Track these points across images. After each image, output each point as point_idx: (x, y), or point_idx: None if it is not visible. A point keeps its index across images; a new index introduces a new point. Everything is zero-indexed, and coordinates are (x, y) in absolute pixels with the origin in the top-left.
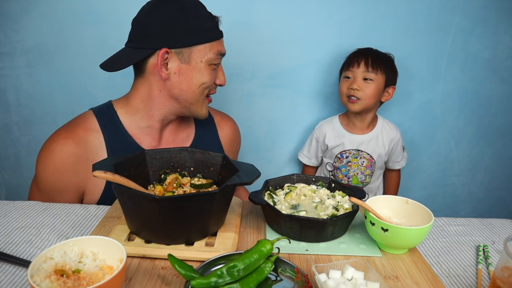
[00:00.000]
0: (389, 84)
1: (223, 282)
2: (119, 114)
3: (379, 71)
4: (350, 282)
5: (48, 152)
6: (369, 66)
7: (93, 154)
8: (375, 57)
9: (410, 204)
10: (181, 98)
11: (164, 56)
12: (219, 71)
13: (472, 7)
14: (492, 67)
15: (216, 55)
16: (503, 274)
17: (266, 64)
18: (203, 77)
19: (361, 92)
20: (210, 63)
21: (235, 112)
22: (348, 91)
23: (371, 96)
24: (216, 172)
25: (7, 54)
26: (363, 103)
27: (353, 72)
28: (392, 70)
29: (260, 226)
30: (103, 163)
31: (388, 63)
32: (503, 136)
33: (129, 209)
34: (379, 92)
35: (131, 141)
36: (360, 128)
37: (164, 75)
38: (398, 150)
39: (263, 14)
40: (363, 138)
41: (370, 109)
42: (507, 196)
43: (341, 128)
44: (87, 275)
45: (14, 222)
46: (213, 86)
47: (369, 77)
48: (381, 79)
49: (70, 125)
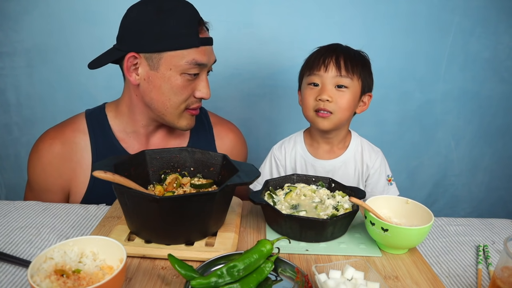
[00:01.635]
0: (365, 91)
1: (223, 282)
2: (109, 118)
3: (355, 75)
4: (350, 282)
5: (36, 151)
6: (341, 69)
7: (78, 156)
8: (348, 56)
9: (410, 204)
10: (152, 107)
11: (132, 61)
12: (199, 82)
13: (472, 7)
14: (492, 67)
15: (190, 64)
16: (503, 274)
17: (266, 64)
18: (172, 88)
19: (334, 104)
20: (183, 72)
21: (235, 112)
22: (316, 103)
23: (346, 108)
24: (216, 172)
25: (7, 54)
26: (336, 117)
27: (321, 77)
28: (369, 73)
29: (260, 226)
30: (103, 163)
31: (365, 63)
32: (503, 136)
33: (129, 209)
34: (355, 102)
35: (117, 145)
36: (327, 151)
37: (133, 79)
38: (380, 182)
39: (263, 14)
40: (332, 164)
41: (343, 125)
42: (507, 196)
43: (304, 150)
44: (87, 275)
45: (14, 222)
46: (194, 99)
47: (342, 84)
48: (357, 85)
49: (60, 126)
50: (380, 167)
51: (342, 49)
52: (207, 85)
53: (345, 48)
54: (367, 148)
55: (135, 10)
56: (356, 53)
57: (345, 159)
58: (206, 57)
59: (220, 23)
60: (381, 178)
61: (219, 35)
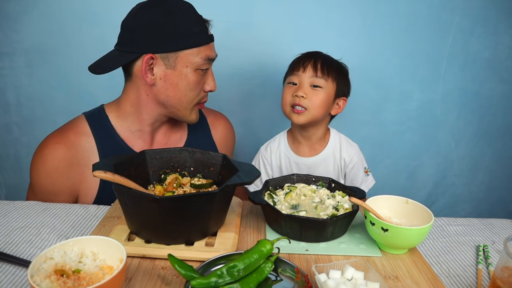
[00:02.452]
0: (340, 95)
1: (223, 282)
2: (110, 118)
3: (330, 78)
4: (350, 282)
5: (40, 157)
6: (317, 71)
7: (85, 158)
8: (325, 61)
9: (410, 204)
10: (168, 104)
11: (149, 62)
12: (208, 76)
13: (472, 7)
14: (492, 67)
15: (204, 60)
16: (503, 274)
17: (266, 64)
18: (189, 83)
19: (308, 101)
20: (198, 68)
21: (235, 112)
22: (293, 99)
23: (319, 106)
24: (216, 172)
25: (7, 54)
26: (310, 113)
27: (299, 77)
28: (344, 80)
29: (260, 226)
30: (103, 163)
31: (341, 71)
32: (503, 136)
33: (129, 209)
34: (328, 102)
35: (122, 145)
36: (308, 148)
37: (150, 80)
38: (359, 175)
39: (263, 14)
40: (313, 161)
41: (318, 122)
42: (507, 196)
43: (287, 148)
44: (87, 275)
45: (14, 222)
46: (203, 93)
47: (317, 84)
48: (331, 87)
49: (62, 129)
50: (358, 161)
51: (321, 55)
52: (214, 78)
53: (324, 55)
54: (344, 144)
55: (144, 12)
56: (334, 60)
57: (324, 156)
58: (214, 53)
59: (220, 23)
60: (360, 171)
61: (220, 35)
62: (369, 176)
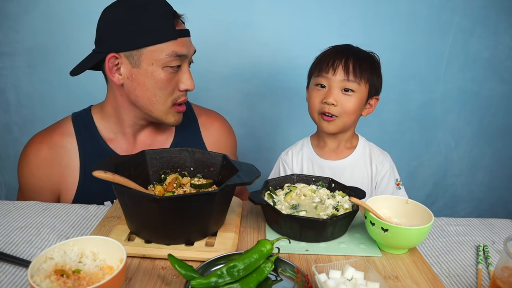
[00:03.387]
0: (372, 94)
1: (223, 282)
2: (95, 120)
3: (363, 80)
4: (350, 282)
5: (24, 156)
6: (350, 74)
7: (66, 159)
8: (357, 60)
9: (410, 204)
10: (139, 105)
11: (113, 61)
12: (183, 74)
13: (472, 7)
14: (492, 67)
15: (170, 56)
16: (503, 274)
17: (266, 64)
18: (156, 83)
19: (339, 108)
20: (165, 66)
21: (235, 112)
22: (322, 106)
23: (352, 112)
24: (216, 172)
25: (7, 54)
26: (341, 121)
27: (328, 80)
28: (377, 76)
29: (260, 226)
30: (103, 163)
31: (374, 67)
32: (503, 136)
33: (129, 209)
34: (360, 106)
35: (104, 147)
36: (333, 151)
37: (117, 80)
38: (390, 186)
39: (263, 14)
40: (339, 165)
41: (348, 127)
42: (507, 196)
43: (311, 151)
44: (87, 275)
45: (14, 222)
46: (179, 92)
47: (349, 88)
48: (364, 90)
49: (47, 130)
50: (389, 170)
51: (352, 51)
52: (190, 76)
53: (355, 51)
54: (376, 151)
55: (109, 11)
56: (366, 56)
57: (353, 160)
58: (185, 48)
59: (220, 23)
60: (391, 182)
61: (220, 35)
62: (401, 190)
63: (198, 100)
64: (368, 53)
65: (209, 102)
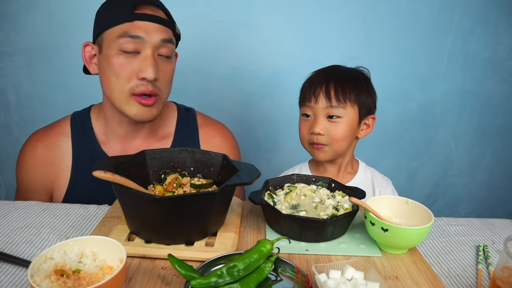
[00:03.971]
0: (365, 114)
1: (223, 282)
2: (92, 120)
3: (349, 102)
4: (350, 282)
5: (22, 154)
6: (332, 99)
7: (59, 159)
8: (339, 83)
9: (410, 204)
10: (106, 96)
11: (89, 51)
12: (142, 61)
13: (472, 7)
14: (492, 67)
15: (122, 37)
16: (503, 274)
17: (266, 64)
18: (111, 67)
19: (327, 137)
20: (120, 49)
21: (235, 112)
22: (310, 137)
23: (341, 139)
24: (216, 172)
25: (7, 54)
26: (332, 149)
27: (312, 108)
28: (366, 95)
29: (260, 226)
30: (103, 163)
31: (360, 86)
32: (503, 136)
33: (129, 209)
34: (351, 130)
35: (98, 149)
36: (334, 175)
37: (92, 70)
38: None
39: (263, 14)
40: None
41: (341, 153)
42: (507, 196)
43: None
44: (87, 275)
45: (14, 222)
46: (137, 81)
47: (334, 114)
48: (353, 112)
49: (46, 128)
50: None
51: (334, 74)
52: (150, 63)
53: (338, 73)
54: (378, 176)
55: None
56: (350, 76)
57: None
58: (142, 31)
59: (220, 23)
60: None
61: (220, 35)
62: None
63: (198, 100)
64: (354, 71)
65: (209, 102)
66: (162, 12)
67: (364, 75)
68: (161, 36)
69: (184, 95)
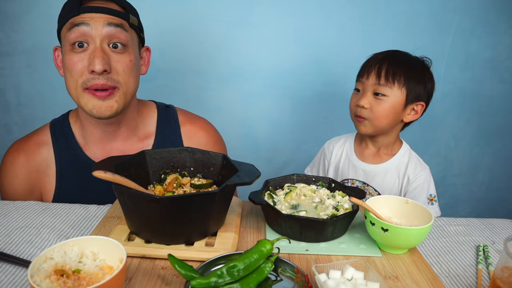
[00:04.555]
0: (412, 99)
1: (223, 282)
2: (71, 125)
3: (396, 84)
4: (350, 282)
5: (3, 164)
6: (381, 78)
7: (43, 166)
8: (392, 65)
9: (410, 204)
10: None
11: (57, 54)
12: (90, 54)
13: (472, 7)
14: (492, 67)
15: (70, 30)
16: (503, 274)
17: (266, 64)
18: (67, 65)
19: (369, 112)
20: (71, 43)
21: (235, 112)
22: (355, 109)
23: (383, 117)
24: (216, 172)
25: (7, 54)
26: (372, 125)
27: (363, 84)
28: (418, 81)
29: (260, 226)
30: (103, 163)
31: (414, 71)
32: (503, 136)
33: (129, 209)
34: (395, 111)
35: (80, 154)
36: (373, 155)
37: (61, 72)
38: (418, 199)
39: (263, 14)
40: (373, 169)
41: (386, 132)
42: (507, 196)
43: (351, 150)
44: (87, 275)
45: (14, 222)
46: (88, 74)
47: (380, 92)
48: (399, 94)
49: (26, 137)
50: (423, 184)
51: (390, 57)
52: (98, 55)
53: (395, 56)
54: (414, 161)
55: None
56: (406, 61)
57: (387, 167)
58: (87, 19)
59: (220, 23)
60: (421, 196)
61: (220, 35)
62: (434, 206)
63: (198, 100)
64: (414, 58)
65: (209, 102)
66: (114, 4)
67: (424, 63)
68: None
69: (184, 95)
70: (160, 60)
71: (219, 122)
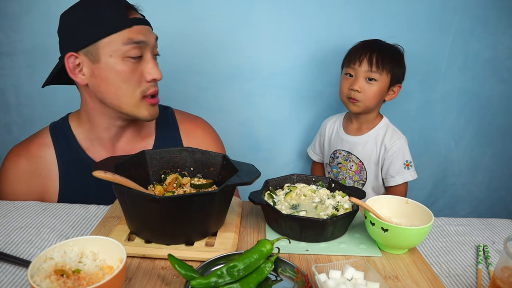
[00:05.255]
0: (394, 82)
1: (223, 282)
2: (72, 128)
3: (385, 70)
4: (350, 282)
5: (2, 169)
6: (373, 65)
7: (45, 170)
8: (381, 53)
9: (410, 204)
10: (107, 102)
11: (73, 61)
12: (146, 64)
13: (472, 7)
14: (492, 67)
15: (127, 44)
16: (503, 274)
17: (266, 64)
18: (119, 74)
19: (362, 94)
20: (125, 56)
21: (235, 112)
22: (349, 92)
23: (373, 98)
24: (216, 172)
25: (7, 54)
26: (364, 105)
27: (355, 70)
28: (399, 67)
29: (260, 226)
30: (103, 163)
31: (396, 59)
32: (503, 136)
33: (129, 209)
34: (381, 93)
35: (83, 155)
36: (356, 129)
37: (80, 80)
38: (395, 165)
39: (263, 14)
40: (355, 140)
41: (371, 110)
42: (507, 196)
43: (340, 126)
44: (87, 275)
45: (14, 222)
46: (147, 84)
47: (372, 77)
48: (386, 79)
49: (25, 141)
50: (398, 151)
51: (377, 46)
52: (155, 65)
53: (380, 45)
54: (390, 132)
55: (65, 15)
56: (390, 49)
57: (367, 138)
58: (143, 36)
59: (220, 23)
60: (397, 161)
61: (220, 35)
62: (409, 170)
63: (198, 100)
64: (393, 46)
65: (209, 102)
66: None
67: (400, 51)
68: (154, 36)
69: (184, 95)
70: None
71: (219, 122)
